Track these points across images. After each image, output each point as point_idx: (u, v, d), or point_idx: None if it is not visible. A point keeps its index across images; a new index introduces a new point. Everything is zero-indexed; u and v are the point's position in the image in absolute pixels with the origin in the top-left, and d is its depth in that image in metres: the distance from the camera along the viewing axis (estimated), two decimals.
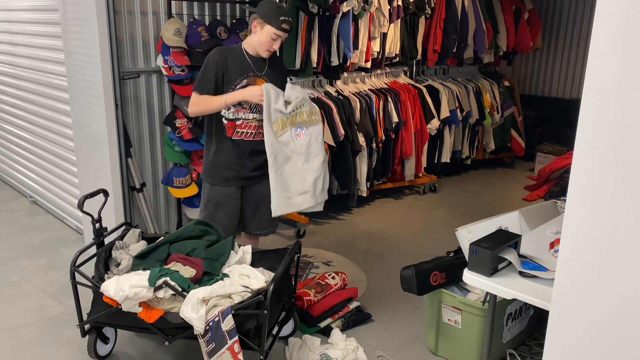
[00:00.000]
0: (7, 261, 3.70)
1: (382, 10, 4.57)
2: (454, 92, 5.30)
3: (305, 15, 4.08)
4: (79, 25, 3.33)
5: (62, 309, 3.11)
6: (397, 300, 3.21)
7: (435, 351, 2.74)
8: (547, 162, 4.68)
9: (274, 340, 2.59)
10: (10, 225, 4.33)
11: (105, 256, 2.57)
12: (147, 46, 3.67)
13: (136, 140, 3.74)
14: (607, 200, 1.29)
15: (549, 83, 6.78)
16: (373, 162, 4.65)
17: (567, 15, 6.54)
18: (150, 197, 3.86)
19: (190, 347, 2.71)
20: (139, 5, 3.58)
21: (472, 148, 5.72)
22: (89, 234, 3.35)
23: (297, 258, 2.71)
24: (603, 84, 1.25)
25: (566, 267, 1.39)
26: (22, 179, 5.00)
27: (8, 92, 4.93)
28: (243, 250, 2.66)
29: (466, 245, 2.20)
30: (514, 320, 2.63)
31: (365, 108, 4.48)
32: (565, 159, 3.43)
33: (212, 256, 2.52)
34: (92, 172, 3.54)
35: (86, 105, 3.44)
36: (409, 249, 3.98)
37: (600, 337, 1.36)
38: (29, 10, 4.28)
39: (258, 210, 2.88)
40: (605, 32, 1.23)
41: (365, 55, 4.58)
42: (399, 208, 4.90)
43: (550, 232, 2.23)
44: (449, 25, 5.20)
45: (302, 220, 4.18)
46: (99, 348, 2.59)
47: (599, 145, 1.27)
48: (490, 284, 1.85)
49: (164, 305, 2.30)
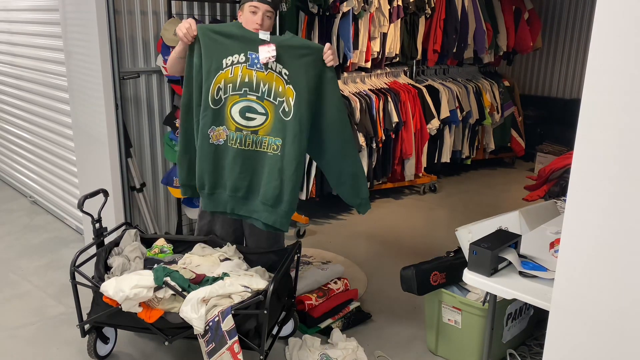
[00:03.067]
0: (7, 261, 3.70)
1: (382, 10, 4.57)
2: (454, 92, 5.30)
3: (305, 15, 4.08)
4: (79, 25, 3.33)
5: (62, 309, 3.11)
6: (397, 300, 3.21)
7: (435, 351, 2.74)
8: (547, 162, 4.68)
9: (274, 340, 2.59)
10: (10, 225, 4.33)
11: (105, 256, 2.57)
12: (147, 46, 3.67)
13: (136, 140, 3.73)
14: (607, 200, 1.28)
15: (549, 83, 6.78)
16: (373, 162, 4.64)
17: (567, 15, 6.53)
18: (150, 197, 3.86)
19: (190, 347, 2.71)
20: (139, 5, 3.58)
21: (472, 148, 5.72)
22: (89, 234, 3.35)
23: (297, 258, 2.71)
24: (603, 84, 1.25)
25: (566, 267, 1.39)
26: (22, 179, 5.00)
27: (8, 92, 4.93)
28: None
29: (466, 245, 2.20)
30: (514, 320, 2.63)
31: (365, 108, 4.48)
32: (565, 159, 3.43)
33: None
34: (92, 172, 3.54)
35: (86, 105, 3.44)
36: (409, 249, 3.97)
37: (600, 337, 1.36)
38: (29, 10, 4.28)
39: (255, 228, 2.80)
40: (605, 32, 1.23)
41: (365, 55, 4.58)
42: (399, 208, 4.89)
43: (550, 232, 2.23)
44: (449, 25, 5.20)
45: (302, 220, 4.19)
46: (99, 348, 2.59)
47: (599, 145, 1.27)
48: (490, 284, 1.85)
49: (164, 305, 2.30)
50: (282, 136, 2.46)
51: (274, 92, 2.44)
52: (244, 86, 2.43)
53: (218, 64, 2.41)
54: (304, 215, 4.20)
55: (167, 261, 2.62)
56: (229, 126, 2.46)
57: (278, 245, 2.86)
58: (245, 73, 2.42)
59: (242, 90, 2.44)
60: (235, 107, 2.45)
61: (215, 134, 2.46)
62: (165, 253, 2.74)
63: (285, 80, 2.43)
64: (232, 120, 2.46)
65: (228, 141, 2.48)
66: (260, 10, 2.48)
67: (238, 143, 2.48)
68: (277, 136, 2.46)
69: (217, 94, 2.42)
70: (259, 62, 2.41)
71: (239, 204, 2.57)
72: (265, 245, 2.82)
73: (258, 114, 2.46)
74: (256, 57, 2.41)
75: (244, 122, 2.47)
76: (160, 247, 2.77)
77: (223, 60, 2.41)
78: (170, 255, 2.73)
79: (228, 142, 2.48)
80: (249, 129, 2.47)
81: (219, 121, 2.45)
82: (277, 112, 2.45)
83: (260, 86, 2.43)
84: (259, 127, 2.47)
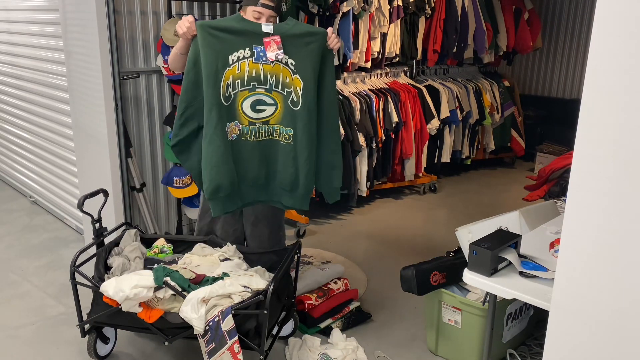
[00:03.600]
0: (7, 261, 3.70)
1: (382, 10, 4.57)
2: (454, 92, 5.30)
3: (305, 15, 4.08)
4: (79, 25, 3.33)
5: (62, 309, 3.11)
6: (397, 300, 3.21)
7: (435, 351, 2.74)
8: (547, 162, 4.68)
9: (274, 340, 2.59)
10: (10, 225, 4.33)
11: (105, 256, 2.57)
12: (147, 46, 3.67)
13: (136, 140, 3.73)
14: (607, 200, 1.28)
15: (549, 83, 6.78)
16: (373, 162, 4.64)
17: (567, 15, 6.53)
18: (150, 197, 3.86)
19: (190, 347, 2.71)
20: (139, 5, 3.58)
21: (472, 148, 5.72)
22: (89, 234, 3.35)
23: (297, 258, 2.71)
24: (603, 84, 1.25)
25: (566, 267, 1.39)
26: (22, 179, 5.00)
27: (8, 92, 4.93)
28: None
29: (466, 245, 2.20)
30: (514, 320, 2.63)
31: (365, 108, 4.48)
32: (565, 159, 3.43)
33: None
34: (92, 172, 3.54)
35: (86, 105, 3.44)
36: (409, 249, 3.98)
37: (600, 337, 1.36)
38: (29, 10, 4.28)
39: (257, 228, 2.83)
40: (605, 32, 1.23)
41: (365, 55, 4.58)
42: (399, 208, 4.89)
43: (550, 232, 2.23)
44: (449, 25, 5.20)
45: (302, 220, 4.19)
46: (99, 348, 2.59)
47: (599, 145, 1.27)
48: (490, 284, 1.85)
49: (164, 305, 2.30)
50: (293, 126, 2.49)
51: (281, 83, 2.45)
52: (252, 80, 2.44)
53: (224, 61, 2.39)
54: (304, 215, 4.20)
55: (167, 261, 2.62)
56: (241, 121, 2.47)
57: (279, 245, 2.87)
58: (252, 67, 2.42)
59: (251, 84, 2.44)
60: (247, 102, 2.46)
61: (229, 131, 2.47)
62: (165, 253, 2.74)
63: (292, 71, 2.44)
64: (244, 115, 2.47)
65: (242, 135, 2.49)
66: (264, 16, 2.48)
67: (254, 136, 2.50)
68: (289, 126, 2.49)
69: (227, 91, 2.42)
70: (264, 55, 2.41)
71: (259, 192, 2.62)
72: (267, 246, 2.83)
73: (268, 105, 2.48)
74: (262, 50, 2.41)
75: (256, 115, 2.48)
76: (160, 247, 2.77)
77: (229, 57, 2.40)
78: (170, 255, 2.73)
79: (242, 137, 2.49)
80: (261, 120, 2.49)
81: (231, 117, 2.46)
82: (285, 103, 2.47)
83: (268, 78, 2.44)
84: (269, 117, 2.50)
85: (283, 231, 2.94)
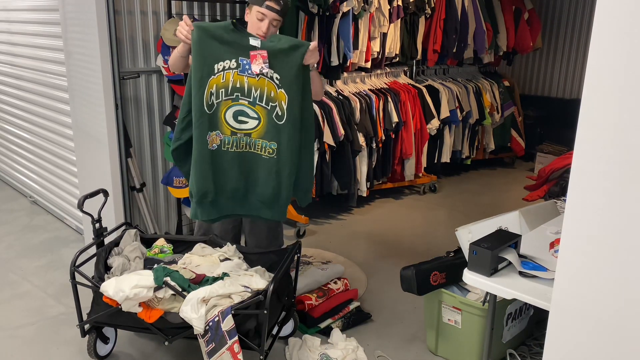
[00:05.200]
0: (7, 261, 3.70)
1: (382, 10, 4.57)
2: (454, 92, 5.30)
3: (305, 15, 4.08)
4: (79, 25, 3.33)
5: (62, 309, 3.11)
6: (397, 300, 3.21)
7: (435, 351, 2.75)
8: (547, 162, 4.68)
9: (274, 340, 2.59)
10: (10, 225, 4.33)
11: (105, 256, 2.57)
12: (147, 46, 3.67)
13: (136, 140, 3.73)
14: (607, 200, 1.28)
15: (549, 83, 6.78)
16: (373, 162, 4.64)
17: (567, 15, 6.53)
18: (150, 197, 3.86)
19: (190, 347, 2.71)
20: (139, 5, 3.58)
21: (472, 148, 5.72)
22: (89, 234, 3.35)
23: (297, 258, 2.71)
24: (603, 84, 1.25)
25: (566, 267, 1.39)
26: (22, 179, 5.00)
27: (8, 92, 4.93)
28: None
29: (466, 245, 2.20)
30: (514, 320, 2.63)
31: (365, 108, 4.48)
32: (565, 159, 3.43)
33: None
34: (92, 172, 3.54)
35: (86, 105, 3.44)
36: (409, 249, 3.98)
37: (600, 337, 1.36)
38: (29, 10, 4.28)
39: (255, 225, 2.83)
40: (605, 32, 1.23)
41: (365, 55, 4.58)
42: (399, 208, 4.89)
43: (550, 232, 2.23)
44: (449, 25, 5.20)
45: (302, 220, 4.19)
46: (99, 348, 2.59)
47: (599, 145, 1.27)
48: (490, 284, 1.85)
49: (164, 305, 2.30)
50: (277, 140, 2.46)
51: (265, 97, 2.43)
52: (235, 91, 2.43)
53: (210, 69, 2.40)
54: (304, 215, 4.20)
55: (167, 261, 2.62)
56: (223, 130, 2.46)
57: (278, 241, 2.88)
58: (237, 79, 2.42)
59: (234, 95, 2.44)
60: (229, 111, 2.45)
61: (210, 140, 2.46)
62: (165, 253, 2.74)
63: (277, 85, 2.42)
64: (226, 124, 2.46)
65: (222, 145, 2.47)
66: (268, 18, 2.47)
67: (235, 146, 2.48)
68: (272, 140, 2.46)
69: (210, 99, 2.42)
70: (250, 67, 2.40)
71: (238, 205, 2.59)
72: (265, 243, 2.84)
73: (250, 118, 2.46)
74: (247, 63, 2.40)
75: (237, 125, 2.47)
76: (160, 247, 2.77)
77: (215, 65, 2.40)
78: (170, 255, 2.73)
79: (223, 147, 2.47)
80: (242, 131, 2.48)
81: (213, 126, 2.45)
82: (270, 117, 2.45)
83: (252, 92, 2.43)
84: (251, 130, 2.48)
85: (281, 227, 2.96)
